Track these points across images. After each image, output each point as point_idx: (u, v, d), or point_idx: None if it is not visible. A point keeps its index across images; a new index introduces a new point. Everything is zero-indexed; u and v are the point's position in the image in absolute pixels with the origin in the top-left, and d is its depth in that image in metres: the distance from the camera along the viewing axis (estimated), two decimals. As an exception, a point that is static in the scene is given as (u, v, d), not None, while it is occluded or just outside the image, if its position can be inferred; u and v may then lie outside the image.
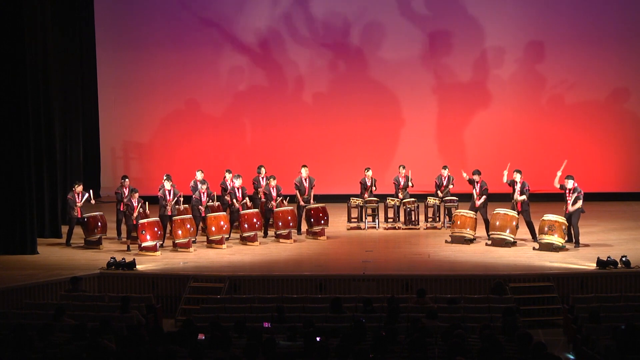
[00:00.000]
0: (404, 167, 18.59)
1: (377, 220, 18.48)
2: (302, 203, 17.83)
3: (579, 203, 15.91)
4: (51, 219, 18.40)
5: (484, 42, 21.79)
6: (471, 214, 16.78)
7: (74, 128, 20.86)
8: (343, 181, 20.61)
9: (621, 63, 21.55)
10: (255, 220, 17.20)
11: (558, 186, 16.28)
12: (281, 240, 17.37)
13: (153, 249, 16.25)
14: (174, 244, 16.67)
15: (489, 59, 21.87)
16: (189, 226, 16.65)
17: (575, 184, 16.03)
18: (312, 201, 17.92)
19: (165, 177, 17.06)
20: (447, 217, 18.30)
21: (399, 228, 18.36)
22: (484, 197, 16.89)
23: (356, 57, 22.12)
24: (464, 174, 17.32)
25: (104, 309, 12.71)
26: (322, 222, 17.67)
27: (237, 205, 17.29)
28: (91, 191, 17.43)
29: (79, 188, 17.35)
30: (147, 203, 17.14)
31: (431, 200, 18.50)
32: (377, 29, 21.97)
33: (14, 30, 16.55)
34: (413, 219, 18.40)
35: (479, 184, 16.94)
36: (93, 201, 17.41)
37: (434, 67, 21.99)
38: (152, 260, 15.77)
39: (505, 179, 16.59)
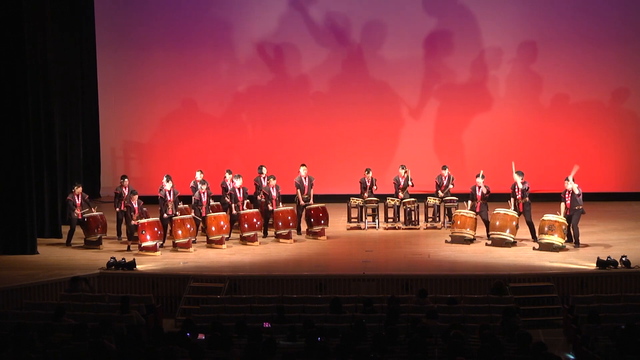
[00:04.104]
0: (404, 167, 18.58)
1: (377, 220, 18.47)
2: (302, 202, 17.82)
3: (579, 200, 15.88)
4: (51, 219, 18.38)
5: (484, 42, 21.77)
6: (471, 214, 16.78)
7: (74, 128, 20.86)
8: (343, 181, 20.59)
9: (621, 63, 21.53)
10: (255, 220, 17.20)
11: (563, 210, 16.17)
12: (281, 240, 17.37)
13: (153, 249, 16.25)
14: (174, 244, 16.66)
15: (489, 59, 21.85)
16: (189, 226, 16.66)
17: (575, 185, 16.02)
18: (311, 200, 17.92)
19: (165, 178, 17.05)
20: (447, 217, 18.29)
21: (399, 228, 18.35)
22: (485, 197, 16.84)
23: (356, 57, 22.10)
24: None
25: (104, 309, 12.71)
26: (322, 222, 17.67)
27: (234, 211, 17.27)
28: (92, 208, 17.45)
29: (79, 189, 17.36)
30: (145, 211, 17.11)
31: (431, 200, 18.49)
32: (377, 29, 21.95)
33: (14, 30, 16.54)
34: (413, 219, 18.39)
35: (480, 189, 16.88)
36: (94, 211, 17.39)
37: (434, 66, 21.97)
38: (152, 260, 15.78)
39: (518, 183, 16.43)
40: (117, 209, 17.46)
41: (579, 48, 21.55)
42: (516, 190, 16.47)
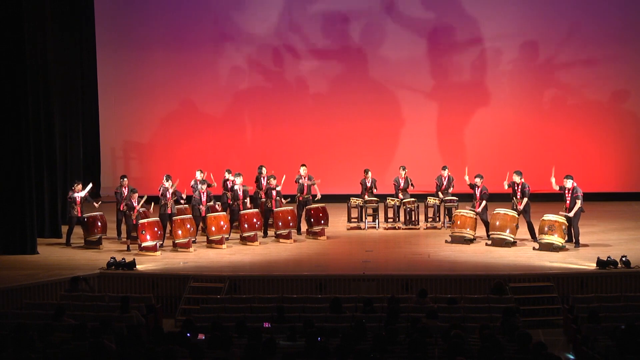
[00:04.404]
0: (404, 168, 18.57)
1: (377, 220, 18.48)
2: (309, 183, 17.75)
3: (578, 203, 15.89)
4: (51, 219, 18.39)
5: (483, 41, 21.78)
6: (471, 214, 16.78)
7: (74, 128, 20.85)
8: (343, 181, 20.58)
9: (621, 63, 21.54)
10: (255, 220, 17.20)
11: (557, 188, 16.26)
12: (281, 240, 17.37)
13: (153, 249, 16.25)
14: (174, 244, 16.67)
15: (489, 59, 21.87)
16: (189, 226, 16.66)
17: (575, 184, 16.02)
18: (318, 195, 17.88)
19: (165, 177, 17.09)
20: (447, 217, 18.30)
21: (399, 228, 18.35)
22: (483, 202, 16.86)
23: (356, 57, 22.10)
24: (467, 177, 17.30)
25: (104, 309, 12.71)
26: (322, 222, 17.67)
27: (235, 207, 17.28)
28: (91, 184, 17.61)
29: (79, 187, 17.42)
30: (152, 203, 17.20)
31: (431, 200, 18.49)
32: (376, 29, 21.96)
33: (14, 30, 16.54)
34: (413, 219, 18.39)
35: (479, 189, 16.90)
36: (96, 205, 17.45)
37: (434, 66, 21.98)
38: (152, 260, 15.78)
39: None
40: (119, 209, 17.46)
41: (579, 48, 21.55)
42: (516, 188, 16.47)
